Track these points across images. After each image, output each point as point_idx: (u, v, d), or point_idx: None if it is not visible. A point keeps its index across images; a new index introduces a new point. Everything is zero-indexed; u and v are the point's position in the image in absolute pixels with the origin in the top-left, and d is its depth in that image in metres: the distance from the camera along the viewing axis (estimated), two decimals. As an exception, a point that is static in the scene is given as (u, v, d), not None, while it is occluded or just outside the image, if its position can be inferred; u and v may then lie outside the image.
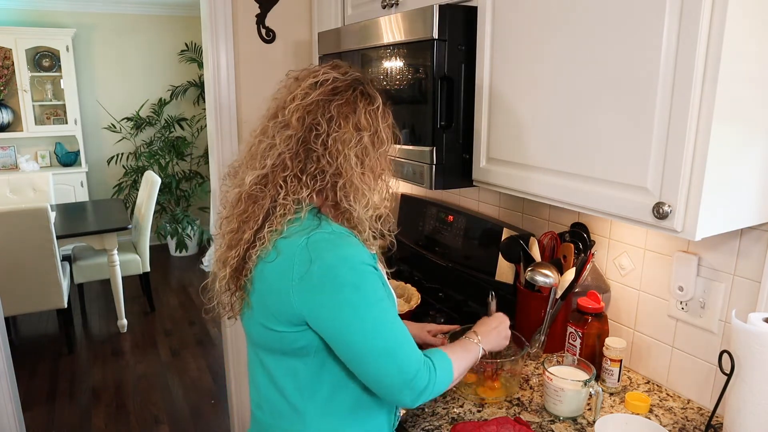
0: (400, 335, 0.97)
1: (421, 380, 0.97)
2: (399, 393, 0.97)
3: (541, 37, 1.17)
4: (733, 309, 1.16)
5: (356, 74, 1.04)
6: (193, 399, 3.12)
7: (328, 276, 0.93)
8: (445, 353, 1.06)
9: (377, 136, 1.01)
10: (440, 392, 1.03)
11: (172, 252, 5.61)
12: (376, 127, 1.00)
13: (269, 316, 0.99)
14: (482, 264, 1.74)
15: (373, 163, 1.01)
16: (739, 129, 0.94)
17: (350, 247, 0.97)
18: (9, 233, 3.19)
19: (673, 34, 0.91)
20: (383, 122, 1.02)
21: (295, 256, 0.94)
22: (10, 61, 4.86)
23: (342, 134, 0.97)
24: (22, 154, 5.18)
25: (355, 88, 1.01)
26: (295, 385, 1.03)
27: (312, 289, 0.94)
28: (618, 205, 1.05)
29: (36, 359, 3.52)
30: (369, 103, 1.01)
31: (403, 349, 0.97)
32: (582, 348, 1.38)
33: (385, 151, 1.03)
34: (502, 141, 1.32)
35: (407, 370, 0.96)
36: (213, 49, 2.27)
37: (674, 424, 1.22)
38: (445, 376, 1.03)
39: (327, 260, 0.93)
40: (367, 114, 1.00)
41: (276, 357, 1.04)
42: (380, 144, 1.01)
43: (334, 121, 0.97)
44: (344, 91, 1.00)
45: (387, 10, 1.70)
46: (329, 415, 1.04)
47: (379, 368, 0.96)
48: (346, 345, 0.96)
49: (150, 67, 5.52)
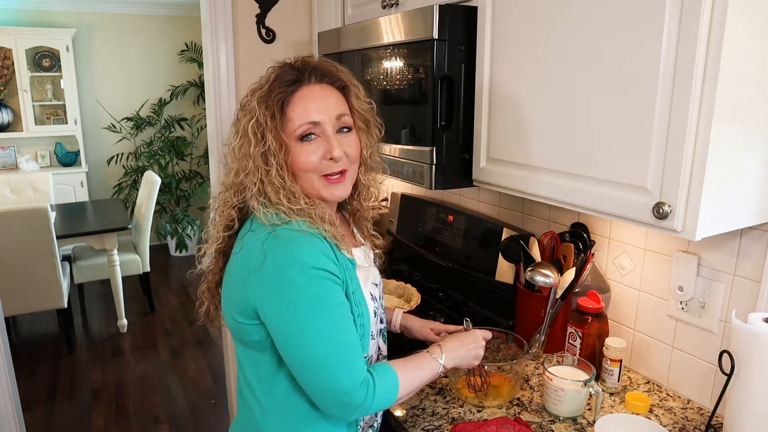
0: (340, 348, 0.94)
1: (354, 398, 0.94)
2: (330, 406, 0.97)
3: (541, 37, 1.17)
4: (733, 309, 1.16)
5: (262, 78, 1.03)
6: (193, 399, 3.12)
7: (277, 273, 0.94)
8: (393, 371, 1.02)
9: (247, 140, 1.00)
10: (381, 409, 1.04)
11: (172, 252, 5.62)
12: (246, 132, 1.00)
13: (232, 306, 1.02)
14: (482, 264, 1.74)
15: (255, 167, 1.00)
16: (739, 129, 0.94)
17: (307, 246, 0.95)
18: (9, 233, 3.19)
19: (673, 33, 0.91)
20: (259, 127, 0.99)
21: (254, 248, 0.97)
22: (10, 61, 4.86)
23: (236, 141, 1.02)
24: (22, 154, 5.18)
25: (254, 93, 1.02)
26: (257, 378, 1.05)
27: (262, 282, 0.95)
28: (618, 205, 1.05)
29: (36, 359, 3.52)
30: (247, 112, 1.02)
31: (340, 362, 0.94)
32: (582, 348, 1.38)
33: (269, 153, 1.00)
34: (502, 141, 1.32)
35: (340, 384, 0.93)
36: (213, 49, 2.27)
37: (674, 424, 1.22)
38: (386, 395, 1.00)
39: (279, 257, 0.94)
40: (245, 122, 1.01)
41: (244, 348, 1.06)
42: (255, 147, 0.99)
43: (234, 130, 1.04)
44: (251, 97, 1.02)
45: (387, 10, 1.70)
46: (285, 413, 1.05)
47: (310, 377, 0.95)
48: (284, 345, 0.96)
49: (150, 67, 5.52)
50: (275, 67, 1.05)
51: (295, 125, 1.00)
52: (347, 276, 1.01)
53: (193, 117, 5.69)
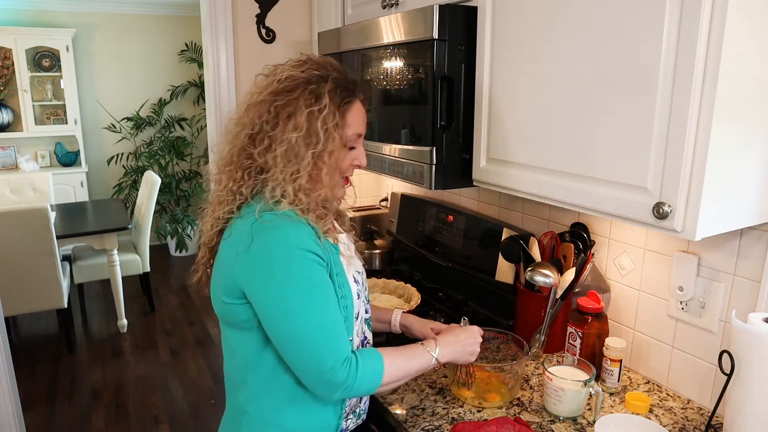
0: (324, 325, 0.98)
1: (337, 375, 0.97)
2: (313, 383, 1.00)
3: (542, 37, 1.17)
4: (733, 309, 1.16)
5: (314, 72, 1.04)
6: (193, 399, 3.12)
7: (264, 253, 0.98)
8: (380, 355, 1.05)
9: (314, 137, 1.01)
10: (366, 392, 1.04)
11: (172, 252, 5.61)
12: (314, 128, 1.01)
13: (220, 288, 1.05)
14: (482, 264, 1.74)
15: (305, 163, 1.01)
16: (739, 129, 0.94)
17: (293, 229, 0.99)
18: (9, 233, 3.19)
19: (673, 33, 0.91)
20: (329, 122, 1.01)
21: (243, 232, 1.01)
22: (10, 61, 4.86)
23: (277, 133, 1.01)
24: (22, 154, 5.18)
25: (305, 87, 1.02)
26: (243, 357, 1.08)
27: (249, 263, 0.99)
28: (618, 205, 1.05)
29: (36, 359, 3.52)
30: (312, 104, 1.01)
31: (323, 339, 0.97)
32: (582, 348, 1.38)
33: (327, 151, 1.02)
34: (502, 141, 1.32)
35: (323, 362, 0.97)
36: (213, 49, 2.27)
37: (674, 424, 1.22)
38: (370, 377, 1.02)
39: (266, 238, 0.98)
40: (307, 114, 1.01)
41: (231, 329, 1.10)
42: (316, 144, 1.01)
43: (271, 121, 1.02)
44: (291, 90, 1.02)
45: (387, 10, 1.70)
46: (270, 393, 1.08)
47: (295, 354, 0.99)
48: (269, 322, 1.00)
49: (150, 67, 5.52)
50: (326, 66, 1.06)
51: (350, 132, 1.07)
52: (331, 259, 1.05)
53: (193, 117, 5.69)
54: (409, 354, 1.11)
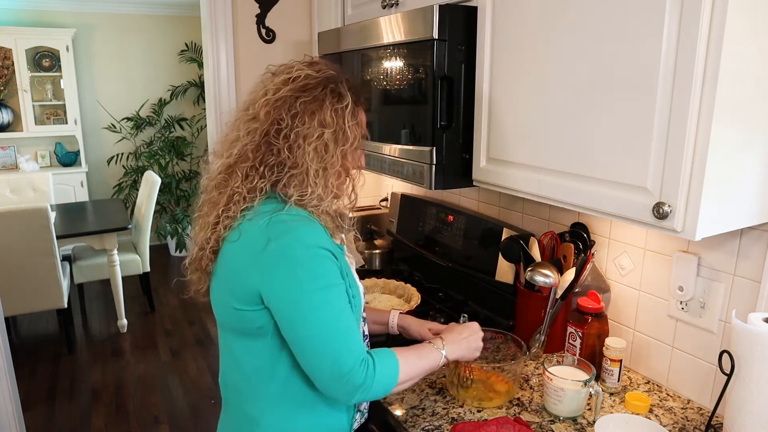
0: (341, 326, 0.97)
1: (355, 377, 0.96)
2: (331, 386, 0.98)
3: (542, 37, 1.17)
4: (733, 309, 1.16)
5: (330, 72, 1.05)
6: (193, 399, 3.12)
7: (282, 254, 0.96)
8: (394, 354, 1.05)
9: (342, 134, 1.02)
10: (382, 394, 1.03)
11: (172, 252, 5.62)
12: (341, 125, 1.02)
13: (231, 294, 1.03)
14: (482, 264, 1.74)
15: (334, 160, 1.02)
16: (739, 129, 0.94)
17: (308, 229, 0.99)
18: (9, 233, 3.19)
19: (673, 34, 0.91)
20: (351, 120, 1.03)
21: (256, 235, 0.98)
22: (10, 61, 4.86)
23: (304, 129, 1.00)
24: (22, 154, 5.18)
25: (326, 86, 1.02)
26: (254, 366, 1.06)
27: (267, 265, 0.97)
28: (618, 205, 1.05)
29: (36, 359, 3.52)
30: (337, 102, 1.02)
31: (342, 340, 0.96)
32: (582, 348, 1.38)
33: (350, 149, 1.04)
34: (502, 141, 1.32)
35: (342, 363, 0.95)
36: (213, 49, 2.27)
37: (674, 424, 1.22)
38: (386, 377, 1.01)
39: (283, 239, 0.96)
40: (332, 112, 1.01)
41: (239, 337, 1.07)
42: (344, 141, 1.03)
43: (298, 117, 1.00)
44: (313, 88, 1.02)
45: (387, 10, 1.70)
46: (284, 401, 1.06)
47: (313, 355, 0.97)
48: (288, 325, 0.98)
49: (150, 67, 5.52)
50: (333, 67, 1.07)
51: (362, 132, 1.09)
52: (342, 259, 1.04)
53: (193, 117, 5.69)
54: (420, 353, 1.11)
